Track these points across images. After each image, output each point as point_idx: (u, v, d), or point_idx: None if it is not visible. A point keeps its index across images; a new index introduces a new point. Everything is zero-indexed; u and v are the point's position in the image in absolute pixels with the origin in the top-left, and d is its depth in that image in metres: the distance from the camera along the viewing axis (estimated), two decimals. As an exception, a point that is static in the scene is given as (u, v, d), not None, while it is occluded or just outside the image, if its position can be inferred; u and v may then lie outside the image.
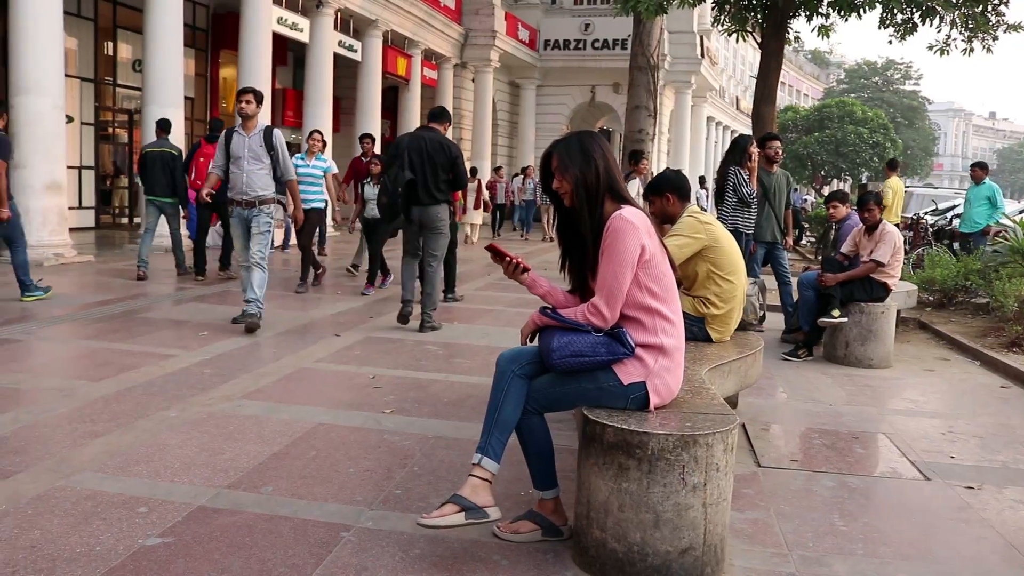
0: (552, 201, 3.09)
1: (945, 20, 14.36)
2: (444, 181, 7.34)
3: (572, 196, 2.95)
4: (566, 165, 2.96)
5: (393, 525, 3.21)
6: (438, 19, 23.10)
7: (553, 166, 3.00)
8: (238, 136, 7.08)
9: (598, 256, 2.89)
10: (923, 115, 59.86)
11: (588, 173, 2.93)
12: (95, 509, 3.21)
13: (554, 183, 3.00)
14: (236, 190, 7.07)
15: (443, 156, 7.29)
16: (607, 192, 2.94)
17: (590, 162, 2.94)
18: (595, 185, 2.92)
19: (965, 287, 9.79)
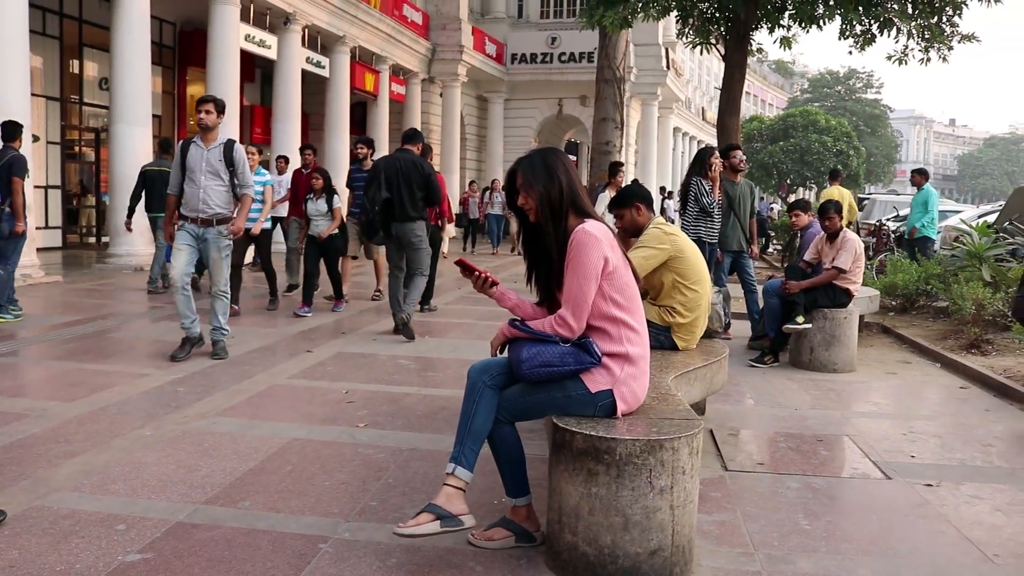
0: (517, 217, 3.19)
1: (902, 31, 14.70)
2: (419, 198, 7.71)
3: (537, 212, 3.05)
4: (530, 182, 3.06)
5: (370, 536, 3.28)
6: (406, 35, 23.23)
7: (518, 183, 3.10)
8: (196, 148, 6.53)
9: (563, 269, 2.99)
10: (885, 123, 60.94)
11: (552, 189, 3.03)
12: (74, 528, 3.25)
13: (519, 199, 3.10)
14: (190, 206, 6.50)
15: (417, 175, 7.70)
16: (570, 207, 3.05)
17: (553, 179, 3.04)
18: (559, 201, 3.03)
19: (926, 291, 10.02)
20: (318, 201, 9.23)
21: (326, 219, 9.23)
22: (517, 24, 31.25)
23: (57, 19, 15.96)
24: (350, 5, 19.66)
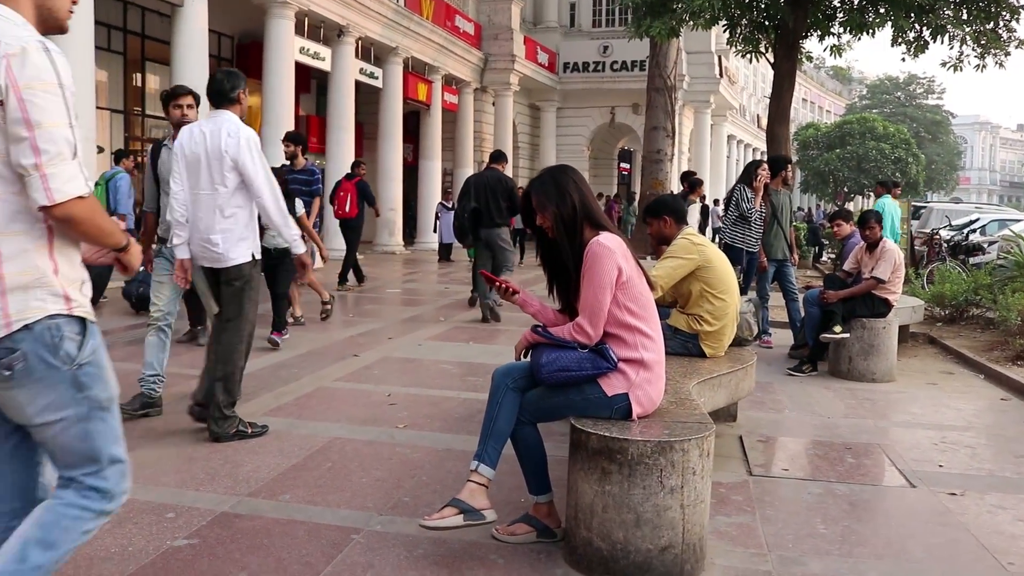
0: (535, 234, 3.37)
1: (956, 37, 14.54)
2: (504, 208, 9.47)
3: (553, 229, 3.23)
4: (544, 203, 3.25)
5: (400, 529, 3.47)
6: (458, 45, 23.56)
7: (533, 204, 3.29)
8: (169, 152, 5.10)
9: (580, 280, 3.16)
10: (947, 129, 59.72)
11: (564, 208, 3.21)
12: (127, 515, 3.50)
13: (537, 219, 3.30)
14: (166, 225, 5.15)
15: (502, 188, 9.58)
16: (585, 221, 3.22)
17: (565, 197, 3.22)
18: (572, 217, 3.20)
19: (976, 302, 9.94)
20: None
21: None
22: (569, 33, 31.45)
23: (121, 35, 16.58)
24: (403, 17, 20.05)
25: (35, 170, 1.92)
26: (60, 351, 2.03)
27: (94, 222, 2.03)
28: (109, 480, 2.16)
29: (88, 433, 2.10)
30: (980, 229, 17.21)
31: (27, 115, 1.92)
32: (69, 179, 1.95)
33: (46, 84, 1.95)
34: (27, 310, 1.99)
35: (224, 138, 4.50)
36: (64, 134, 1.96)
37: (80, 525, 2.14)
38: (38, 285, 2.01)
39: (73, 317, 2.06)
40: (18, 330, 1.98)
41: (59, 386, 2.05)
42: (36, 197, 1.93)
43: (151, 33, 17.03)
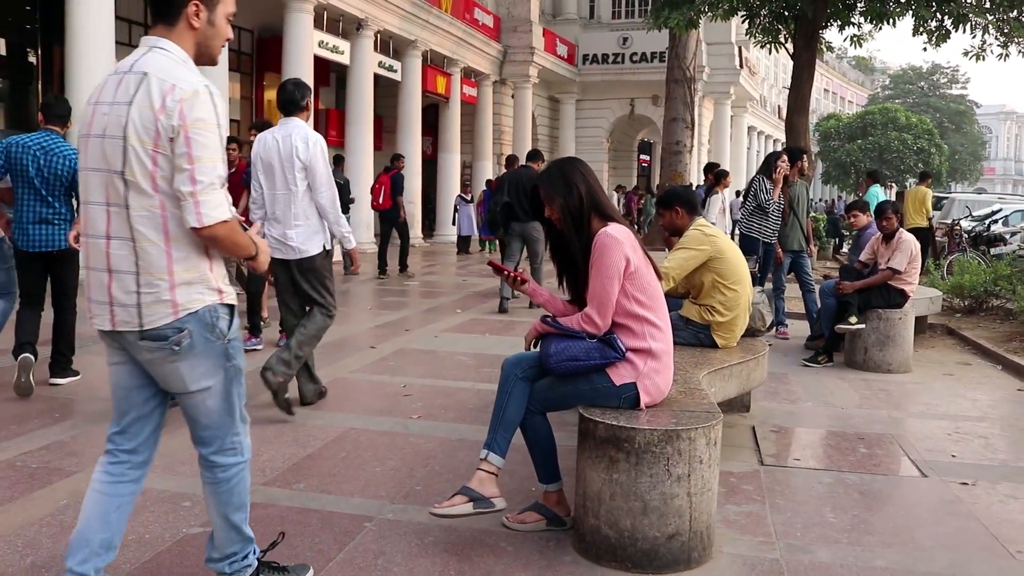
0: (544, 226, 3.41)
1: (978, 26, 14.40)
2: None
3: (561, 221, 3.27)
4: (551, 196, 3.28)
5: (412, 517, 3.53)
6: (476, 37, 23.57)
7: (542, 196, 3.32)
8: None
9: (588, 270, 3.19)
10: (971, 119, 59.02)
11: (571, 200, 3.24)
12: (145, 503, 3.57)
13: (546, 212, 3.33)
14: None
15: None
16: (592, 212, 3.25)
17: (572, 189, 3.25)
18: (579, 209, 3.24)
19: (995, 292, 9.87)
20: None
21: None
22: (588, 25, 31.39)
23: (142, 30, 16.71)
24: (421, 10, 20.09)
25: (191, 196, 2.30)
26: (216, 329, 2.47)
27: (232, 240, 2.43)
28: (241, 435, 2.64)
29: (230, 395, 2.57)
30: (1002, 220, 17.05)
31: (190, 151, 2.30)
32: (216, 206, 2.33)
33: (208, 125, 2.32)
34: (191, 301, 2.42)
35: (297, 143, 5.02)
36: (217, 169, 2.34)
37: (244, 479, 2.67)
38: (199, 281, 2.43)
39: (223, 304, 2.50)
40: (184, 316, 2.41)
41: (213, 356, 2.49)
42: (188, 219, 2.32)
43: (172, 28, 17.16)
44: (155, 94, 2.31)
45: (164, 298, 2.39)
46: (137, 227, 2.36)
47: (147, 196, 2.35)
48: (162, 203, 2.35)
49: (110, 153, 2.35)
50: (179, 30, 2.44)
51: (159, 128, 2.30)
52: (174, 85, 2.31)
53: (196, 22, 2.44)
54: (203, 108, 2.32)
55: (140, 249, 2.37)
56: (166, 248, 2.38)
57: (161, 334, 2.41)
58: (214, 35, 2.49)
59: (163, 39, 2.42)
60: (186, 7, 2.42)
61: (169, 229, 2.37)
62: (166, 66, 2.36)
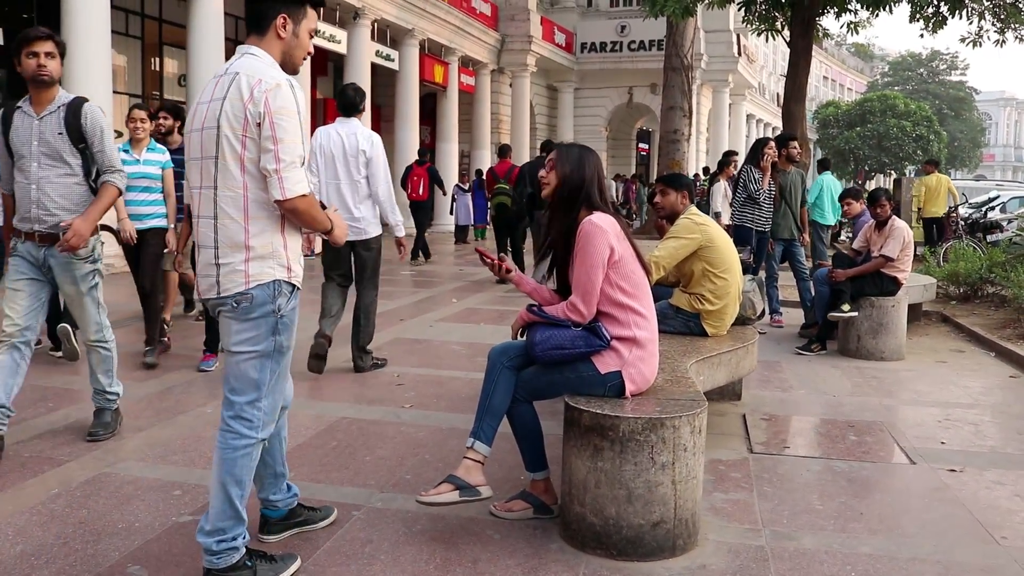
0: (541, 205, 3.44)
1: (975, 12, 14.37)
2: None
3: (554, 191, 3.29)
4: (561, 162, 3.31)
5: (400, 505, 3.55)
6: (474, 26, 23.51)
7: (550, 157, 3.37)
8: (23, 117, 4.13)
9: (570, 257, 3.21)
10: (971, 106, 58.87)
11: (574, 176, 3.28)
12: (136, 492, 3.60)
13: (543, 172, 3.36)
14: (22, 213, 4.14)
15: None
16: (585, 200, 3.26)
17: (581, 169, 3.28)
18: (577, 188, 3.26)
19: (990, 280, 9.88)
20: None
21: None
22: (586, 13, 31.29)
23: (139, 20, 16.68)
24: (418, -2, 20.04)
25: (275, 174, 2.64)
26: (276, 302, 2.76)
27: (310, 214, 2.75)
28: (261, 411, 2.81)
29: (263, 367, 2.78)
30: (1000, 207, 17.04)
31: (275, 133, 2.63)
32: (297, 182, 2.66)
33: (289, 112, 2.65)
34: (262, 274, 2.73)
35: (362, 140, 5.76)
36: (297, 149, 2.66)
37: (250, 455, 2.81)
38: (272, 256, 2.75)
39: (288, 283, 2.79)
40: (254, 286, 2.72)
41: (264, 326, 2.75)
42: (273, 193, 2.66)
43: (168, 17, 17.12)
44: (244, 87, 2.65)
45: (239, 268, 2.71)
46: (222, 205, 2.71)
47: (233, 178, 2.68)
48: (245, 184, 2.69)
49: (207, 141, 2.72)
50: (268, 39, 2.79)
51: (247, 115, 2.64)
52: (260, 79, 2.66)
53: (283, 33, 2.79)
54: (285, 98, 2.65)
55: (221, 225, 2.71)
56: (245, 225, 2.70)
57: (230, 301, 2.74)
58: (297, 46, 2.84)
59: (254, 47, 2.78)
60: (275, 19, 2.77)
61: (249, 208, 2.70)
62: (255, 66, 2.71)
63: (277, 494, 3.14)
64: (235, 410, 2.80)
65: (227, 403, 2.82)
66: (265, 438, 2.86)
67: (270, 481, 3.11)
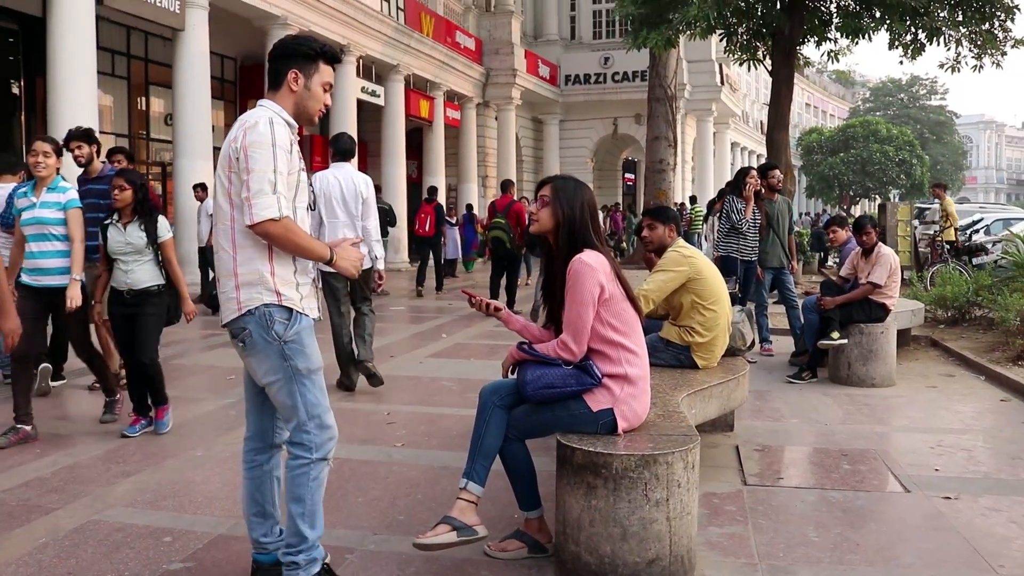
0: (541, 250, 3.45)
1: (952, 39, 14.55)
2: None
3: (555, 230, 3.29)
4: (560, 201, 3.29)
5: (394, 547, 3.52)
6: (459, 61, 23.69)
7: (544, 192, 3.35)
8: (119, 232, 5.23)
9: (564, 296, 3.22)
10: (951, 129, 59.62)
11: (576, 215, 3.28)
12: (125, 539, 3.55)
13: (534, 207, 3.35)
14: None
15: None
16: (583, 239, 3.26)
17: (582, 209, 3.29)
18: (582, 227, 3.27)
19: (977, 303, 9.93)
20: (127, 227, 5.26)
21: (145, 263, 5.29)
22: (570, 46, 31.58)
23: (125, 60, 16.73)
24: (403, 34, 20.18)
25: (246, 201, 2.76)
26: (271, 330, 2.85)
27: (288, 239, 2.81)
28: (310, 433, 2.90)
29: (293, 393, 2.88)
30: (984, 229, 17.17)
31: (247, 164, 2.77)
32: (266, 207, 2.75)
33: (261, 144, 2.79)
34: (250, 300, 2.84)
35: (359, 184, 6.43)
36: (267, 176, 2.77)
37: (307, 475, 2.90)
38: (259, 283, 2.85)
39: (282, 307, 2.86)
40: (244, 314, 2.84)
41: (272, 356, 2.86)
42: (244, 219, 2.78)
43: (154, 57, 17.17)
44: (233, 131, 2.87)
45: (231, 296, 2.87)
46: (218, 239, 2.91)
47: (224, 212, 2.87)
48: (232, 216, 2.84)
49: (216, 183, 2.94)
50: (281, 93, 2.96)
51: (230, 153, 2.83)
52: (244, 121, 2.86)
53: (295, 87, 2.95)
54: (259, 132, 2.80)
55: (218, 258, 2.92)
56: (233, 254, 2.86)
57: (233, 330, 2.88)
58: (310, 98, 2.98)
59: (267, 100, 2.96)
60: (287, 75, 2.94)
61: (236, 239, 2.85)
62: (252, 114, 2.89)
63: (268, 536, 3.11)
64: (288, 436, 2.95)
65: (284, 430, 3.01)
66: (323, 458, 2.94)
67: (257, 521, 3.10)
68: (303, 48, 2.97)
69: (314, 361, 2.93)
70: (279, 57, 2.98)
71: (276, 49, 3.02)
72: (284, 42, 3.03)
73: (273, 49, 3.03)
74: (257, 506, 3.08)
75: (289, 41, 3.03)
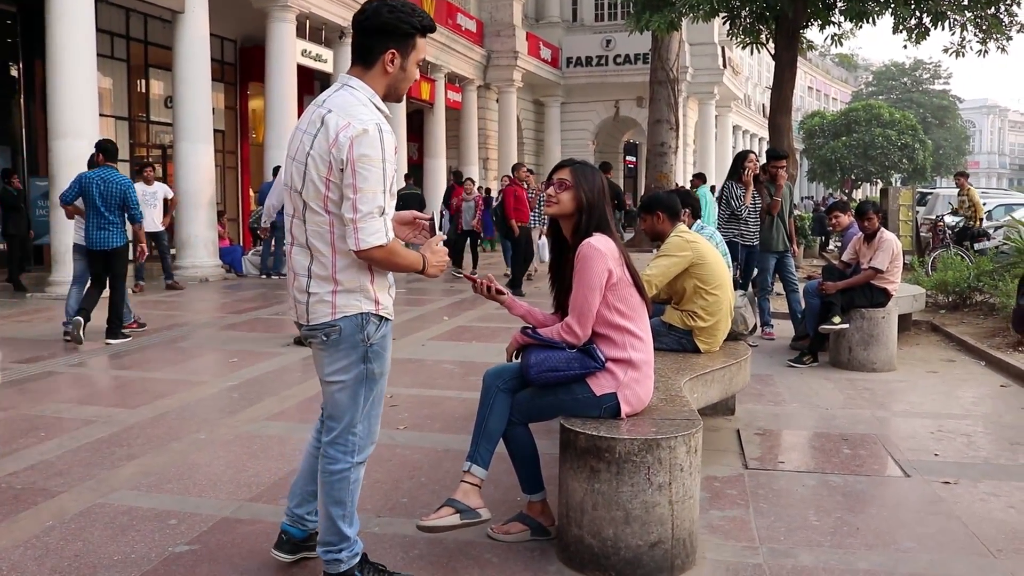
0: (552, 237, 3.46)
1: (957, 23, 14.49)
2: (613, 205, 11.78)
3: (575, 213, 3.28)
4: (581, 186, 3.29)
5: (397, 530, 3.54)
6: (460, 43, 23.59)
7: (565, 175, 3.33)
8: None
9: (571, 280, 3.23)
10: (954, 114, 59.44)
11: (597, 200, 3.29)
12: (131, 522, 3.58)
13: (553, 188, 3.32)
14: None
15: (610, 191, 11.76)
16: (599, 223, 3.27)
17: (601, 194, 3.31)
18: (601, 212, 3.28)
19: (979, 288, 9.94)
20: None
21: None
22: (571, 28, 31.45)
23: (124, 42, 16.66)
24: (404, 17, 20.04)
25: (351, 223, 2.62)
26: (363, 332, 2.77)
27: (391, 262, 2.73)
28: (357, 436, 2.88)
29: (356, 394, 2.84)
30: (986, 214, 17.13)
31: (355, 182, 2.60)
32: (373, 232, 2.62)
33: (372, 160, 2.60)
34: (348, 306, 2.75)
35: None
36: (377, 199, 2.62)
37: (347, 479, 2.88)
38: (359, 290, 2.76)
39: (376, 315, 2.80)
40: (340, 317, 2.74)
41: (353, 356, 2.79)
42: (349, 242, 2.65)
43: (153, 39, 17.11)
44: (331, 130, 2.63)
45: (326, 299, 2.74)
46: (311, 239, 2.73)
47: (318, 215, 2.69)
48: (331, 221, 2.68)
49: (295, 174, 2.74)
50: (374, 73, 2.75)
51: (331, 160, 2.62)
52: (348, 123, 2.62)
53: (390, 68, 2.74)
54: (370, 145, 2.60)
55: (314, 257, 2.74)
56: (332, 259, 2.72)
57: (318, 327, 2.77)
58: (404, 79, 2.80)
59: (355, 79, 2.75)
60: (383, 55, 2.72)
61: (336, 243, 2.70)
62: (348, 104, 2.68)
63: (312, 514, 3.11)
64: (331, 436, 2.88)
65: (325, 429, 2.93)
66: (362, 461, 2.92)
67: (308, 498, 3.09)
68: (403, 26, 2.71)
69: (387, 365, 2.90)
70: (374, 32, 2.71)
71: (370, 21, 2.71)
72: (380, 16, 2.70)
73: (365, 20, 2.72)
74: (314, 485, 3.03)
75: (387, 16, 2.69)
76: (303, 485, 3.10)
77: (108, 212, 7.78)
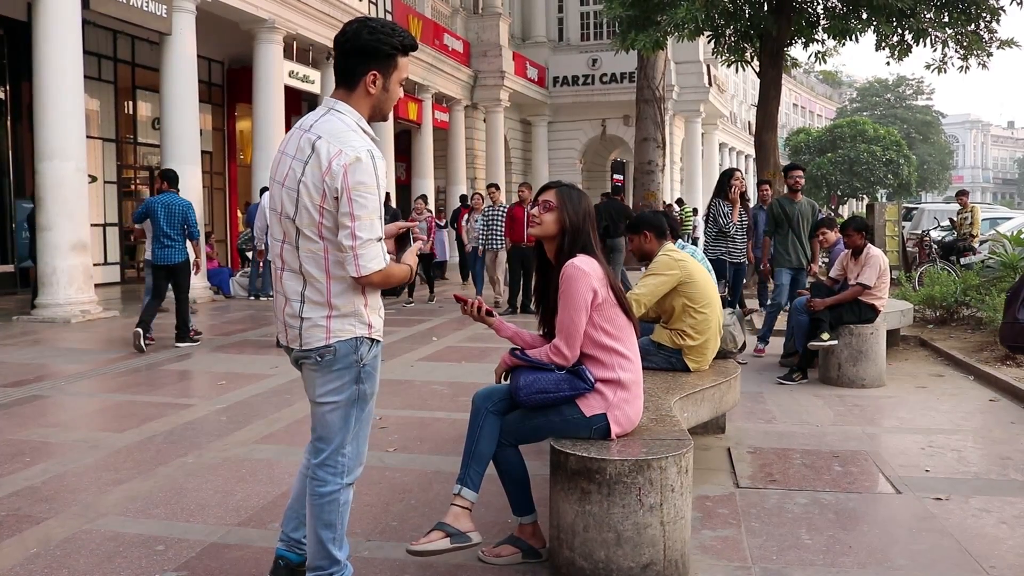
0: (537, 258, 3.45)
1: (938, 40, 14.65)
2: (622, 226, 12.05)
3: (558, 235, 3.27)
4: (565, 208, 3.28)
5: (387, 554, 3.51)
6: (447, 63, 23.67)
7: (548, 197, 3.32)
8: None
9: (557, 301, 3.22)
10: (938, 129, 59.98)
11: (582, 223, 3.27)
12: (117, 549, 3.54)
13: (536, 210, 3.32)
14: None
15: (620, 213, 13.14)
16: (583, 245, 3.27)
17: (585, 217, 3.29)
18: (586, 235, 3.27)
19: (966, 303, 9.99)
20: None
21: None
22: (558, 47, 31.60)
23: (111, 63, 16.66)
24: (391, 37, 20.10)
25: (351, 250, 2.63)
26: (356, 354, 2.77)
27: (387, 282, 2.76)
28: (346, 456, 2.86)
29: (348, 415, 2.82)
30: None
31: (352, 211, 2.61)
32: (372, 258, 2.65)
33: (368, 187, 2.62)
34: (343, 331, 2.75)
35: None
36: (375, 226, 2.64)
37: (337, 501, 2.85)
38: (353, 315, 2.75)
39: (370, 338, 2.80)
40: (334, 341, 2.73)
41: (345, 377, 2.78)
42: (348, 269, 2.66)
43: (141, 61, 17.12)
44: (324, 157, 2.62)
45: (320, 324, 2.73)
46: (305, 265, 2.72)
47: (313, 241, 2.69)
48: (325, 248, 2.68)
49: (286, 201, 2.72)
50: (357, 95, 2.75)
51: (325, 188, 2.62)
52: (340, 150, 2.62)
53: (372, 89, 2.74)
54: (364, 172, 2.61)
55: (307, 282, 2.73)
56: (327, 285, 2.71)
57: (312, 350, 2.76)
58: (387, 99, 2.80)
59: (341, 102, 2.75)
60: (365, 76, 2.72)
61: (330, 269, 2.70)
62: (337, 130, 2.67)
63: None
64: (321, 457, 2.85)
65: (314, 451, 2.90)
66: (352, 483, 2.89)
67: (304, 521, 3.02)
68: (384, 47, 2.70)
69: (377, 385, 2.90)
70: (355, 54, 2.71)
71: (350, 43, 2.70)
72: (360, 38, 2.69)
73: (345, 42, 2.71)
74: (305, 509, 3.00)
75: (366, 37, 2.69)
76: (298, 508, 3.07)
77: (171, 231, 8.70)
